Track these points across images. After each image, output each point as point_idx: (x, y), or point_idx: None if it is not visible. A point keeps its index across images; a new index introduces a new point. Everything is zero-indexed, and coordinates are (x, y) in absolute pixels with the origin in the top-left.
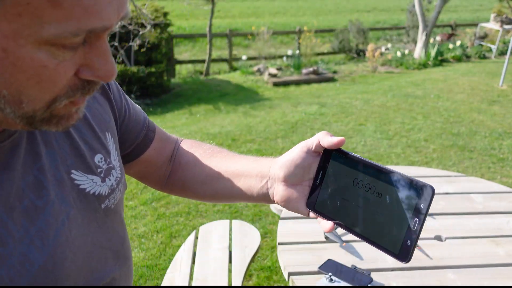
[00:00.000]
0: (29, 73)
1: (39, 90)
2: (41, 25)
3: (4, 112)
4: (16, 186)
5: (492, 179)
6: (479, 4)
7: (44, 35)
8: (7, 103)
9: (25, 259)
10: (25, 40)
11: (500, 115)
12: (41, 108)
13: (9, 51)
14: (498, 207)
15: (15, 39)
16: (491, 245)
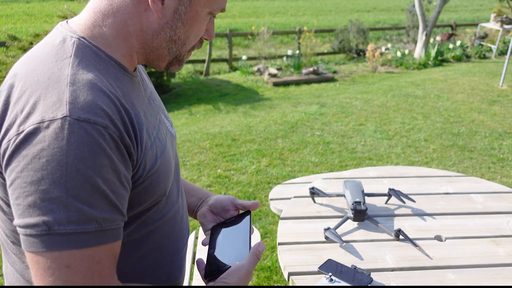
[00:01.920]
0: (198, 27)
1: (194, 38)
2: (212, 3)
3: (170, 51)
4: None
5: (492, 179)
6: (479, 4)
7: (210, 8)
8: (176, 45)
9: None
10: (202, 9)
11: (500, 115)
12: (187, 51)
13: (191, 13)
14: (498, 207)
15: (197, 7)
16: (491, 245)
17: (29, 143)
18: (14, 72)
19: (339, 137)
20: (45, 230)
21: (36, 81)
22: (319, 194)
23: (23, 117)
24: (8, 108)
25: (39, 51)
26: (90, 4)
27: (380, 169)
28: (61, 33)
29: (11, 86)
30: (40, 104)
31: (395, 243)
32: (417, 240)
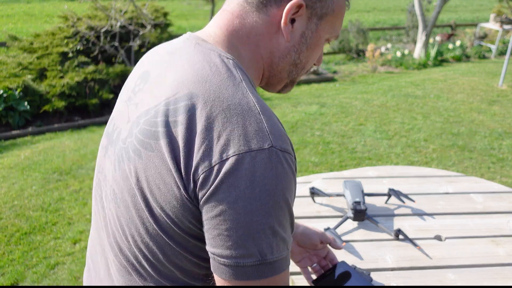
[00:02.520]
0: (317, 52)
1: (312, 62)
2: (332, 30)
3: (290, 74)
4: None
5: (492, 179)
6: (479, 4)
7: (330, 35)
8: (297, 69)
9: None
10: (324, 35)
11: (500, 115)
12: (302, 74)
13: (315, 38)
14: (498, 207)
15: (321, 33)
16: (491, 245)
17: (237, 172)
18: (188, 93)
19: (339, 137)
20: (258, 261)
21: (227, 107)
22: (319, 194)
23: (223, 144)
24: (195, 132)
25: (205, 71)
26: (219, 20)
27: (380, 169)
28: (213, 52)
29: (193, 108)
30: (240, 132)
31: (395, 243)
32: (417, 240)
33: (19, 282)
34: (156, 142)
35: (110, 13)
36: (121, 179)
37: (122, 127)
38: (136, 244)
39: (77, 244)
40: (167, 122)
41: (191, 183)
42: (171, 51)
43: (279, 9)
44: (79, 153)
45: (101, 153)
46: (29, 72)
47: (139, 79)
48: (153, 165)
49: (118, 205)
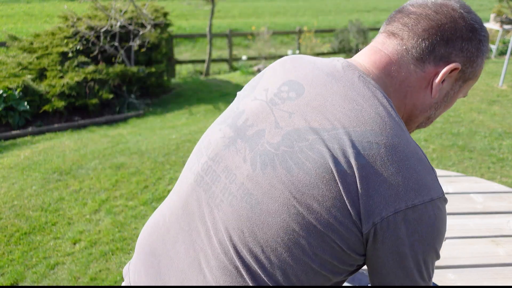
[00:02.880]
0: (448, 108)
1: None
2: (466, 91)
3: (420, 125)
4: None
5: (492, 179)
6: (479, 4)
7: (463, 95)
8: (427, 121)
9: None
10: (460, 95)
11: (500, 115)
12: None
13: (454, 98)
14: (498, 207)
15: (460, 94)
16: (491, 245)
17: (420, 220)
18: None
19: None
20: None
21: (407, 156)
22: None
23: (407, 192)
24: (379, 174)
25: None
26: (375, 59)
27: None
28: (379, 92)
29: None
30: (422, 182)
31: None
32: None
33: (18, 282)
34: (334, 167)
35: (110, 13)
36: (268, 183)
37: (265, 128)
38: (262, 249)
39: (77, 244)
40: (347, 152)
41: (369, 222)
42: (330, 74)
43: (435, 68)
44: (79, 153)
45: (222, 142)
46: (29, 72)
47: (285, 85)
48: (326, 187)
49: (252, 206)
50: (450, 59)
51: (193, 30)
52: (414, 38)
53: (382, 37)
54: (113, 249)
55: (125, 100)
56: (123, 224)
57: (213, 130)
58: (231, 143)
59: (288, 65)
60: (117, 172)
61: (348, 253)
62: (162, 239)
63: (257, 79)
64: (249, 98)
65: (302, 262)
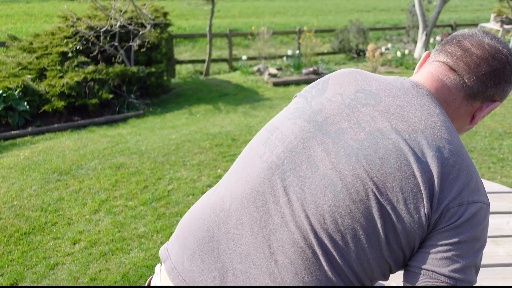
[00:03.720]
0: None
1: None
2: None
3: None
4: None
5: (492, 179)
6: (479, 4)
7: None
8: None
9: None
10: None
11: (500, 115)
12: None
13: (468, 115)
14: (498, 207)
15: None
16: (491, 245)
17: (476, 216)
18: (446, 138)
19: None
20: (472, 282)
21: (469, 162)
22: None
23: (470, 191)
24: (450, 173)
25: (448, 124)
26: (434, 83)
27: None
28: (439, 107)
29: (450, 152)
30: (478, 185)
31: None
32: None
33: (18, 282)
34: (414, 164)
35: (109, 13)
36: (352, 174)
37: (347, 127)
38: (341, 235)
39: (76, 244)
40: (425, 153)
41: (438, 211)
42: (403, 89)
43: (481, 104)
44: (78, 153)
45: (302, 135)
46: (29, 72)
47: (361, 93)
48: (405, 181)
49: (336, 195)
50: (494, 98)
51: (193, 30)
52: (472, 78)
53: (444, 69)
54: (113, 249)
55: (125, 100)
56: (123, 224)
57: (285, 124)
58: (311, 137)
59: (356, 76)
60: (117, 172)
61: (409, 245)
62: (222, 225)
63: (322, 82)
64: (322, 99)
65: (376, 249)
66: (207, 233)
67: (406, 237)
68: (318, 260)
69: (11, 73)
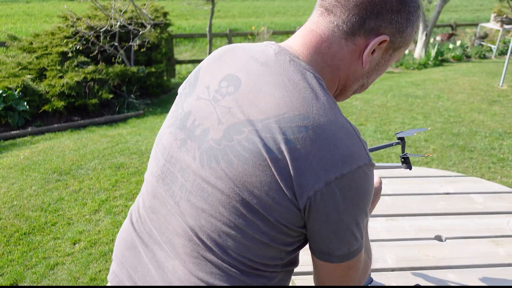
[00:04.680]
0: (381, 75)
1: (373, 82)
2: (400, 57)
3: (354, 92)
4: None
5: (492, 179)
6: (479, 4)
7: (396, 61)
8: (361, 88)
9: None
10: (392, 62)
11: (500, 115)
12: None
13: (385, 66)
14: (498, 207)
15: (391, 61)
16: (491, 245)
17: (349, 187)
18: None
19: None
20: (359, 242)
21: (334, 130)
22: None
23: (335, 164)
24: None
25: (308, 93)
26: (307, 40)
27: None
28: (309, 73)
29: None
30: (348, 152)
31: (395, 243)
32: (417, 240)
33: (18, 282)
34: (267, 155)
35: (109, 13)
36: (214, 176)
37: (209, 126)
38: (217, 232)
39: (76, 244)
40: (278, 139)
41: (304, 197)
42: (264, 63)
43: (365, 40)
44: (78, 153)
45: (175, 144)
46: (29, 72)
47: (224, 81)
48: (263, 173)
49: (205, 199)
50: (380, 31)
51: (193, 30)
52: (345, 14)
53: (317, 15)
54: (113, 249)
55: (124, 100)
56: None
57: (165, 134)
58: (182, 145)
59: (225, 58)
60: (117, 172)
61: (291, 228)
62: (138, 235)
63: (194, 75)
64: (192, 98)
65: (255, 240)
66: (130, 242)
67: (281, 224)
68: (206, 259)
69: (11, 73)
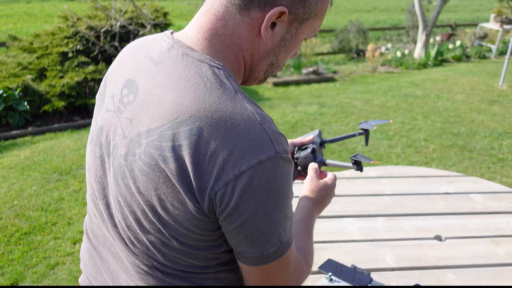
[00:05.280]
0: (294, 51)
1: (286, 61)
2: (312, 31)
3: (266, 73)
4: None
5: (492, 179)
6: (479, 4)
7: (308, 35)
8: (272, 67)
9: None
10: (303, 36)
11: (500, 115)
12: (276, 72)
13: (294, 41)
14: (498, 207)
15: (301, 36)
16: (491, 245)
17: (252, 184)
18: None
19: None
20: (277, 245)
21: (231, 126)
22: None
23: (234, 162)
24: (203, 155)
25: (201, 89)
26: (202, 23)
27: (380, 169)
28: (203, 64)
29: (198, 132)
30: (248, 146)
31: (395, 242)
32: (417, 240)
33: (18, 282)
34: (165, 166)
35: (110, 13)
36: (128, 193)
37: (117, 141)
38: (146, 247)
39: (77, 244)
40: (173, 146)
41: (205, 201)
42: (157, 61)
43: (262, 13)
44: (79, 153)
45: (97, 163)
46: (29, 72)
47: (125, 88)
48: (164, 185)
49: (125, 217)
50: (276, 3)
51: None
52: None
53: None
54: None
55: None
56: None
57: (88, 152)
58: (103, 163)
59: (125, 60)
60: None
61: (207, 234)
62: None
63: (103, 84)
64: (102, 110)
65: (179, 250)
66: (89, 251)
67: (194, 233)
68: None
69: (11, 73)
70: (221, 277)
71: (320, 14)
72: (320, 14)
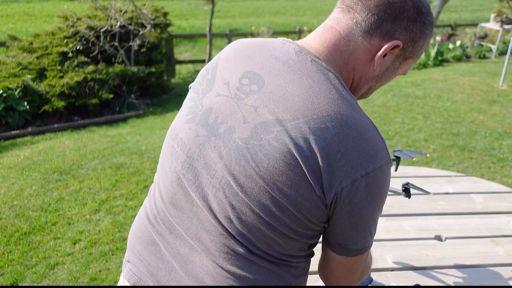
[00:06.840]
0: (387, 82)
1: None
2: (406, 69)
3: (361, 96)
4: None
5: (492, 179)
6: (479, 4)
7: (402, 72)
8: (368, 92)
9: None
10: (400, 72)
11: (500, 115)
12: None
13: (393, 73)
14: (498, 207)
15: (399, 70)
16: (491, 245)
17: (373, 185)
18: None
19: None
20: (372, 238)
21: (361, 130)
22: None
23: (362, 162)
24: (337, 152)
25: (333, 94)
26: (326, 38)
27: None
28: (331, 73)
29: (333, 130)
30: (373, 151)
31: (395, 242)
32: (417, 240)
33: (18, 282)
34: (299, 155)
35: (110, 13)
36: (243, 174)
37: (234, 124)
38: (247, 228)
39: (76, 244)
40: (309, 139)
41: (331, 194)
42: (285, 62)
43: (380, 42)
44: (78, 153)
45: (197, 141)
46: (29, 72)
47: (245, 78)
48: (292, 172)
49: (234, 195)
50: (394, 36)
51: (193, 30)
52: (365, 12)
53: (337, 12)
54: (113, 249)
55: (125, 100)
56: (123, 224)
57: (183, 129)
58: (206, 141)
59: (243, 53)
60: (117, 172)
61: (316, 223)
62: (158, 231)
63: (211, 70)
64: (211, 94)
65: (283, 235)
66: (148, 239)
67: (308, 220)
68: (236, 252)
69: (11, 73)
70: (299, 266)
71: (419, 56)
72: (419, 56)
